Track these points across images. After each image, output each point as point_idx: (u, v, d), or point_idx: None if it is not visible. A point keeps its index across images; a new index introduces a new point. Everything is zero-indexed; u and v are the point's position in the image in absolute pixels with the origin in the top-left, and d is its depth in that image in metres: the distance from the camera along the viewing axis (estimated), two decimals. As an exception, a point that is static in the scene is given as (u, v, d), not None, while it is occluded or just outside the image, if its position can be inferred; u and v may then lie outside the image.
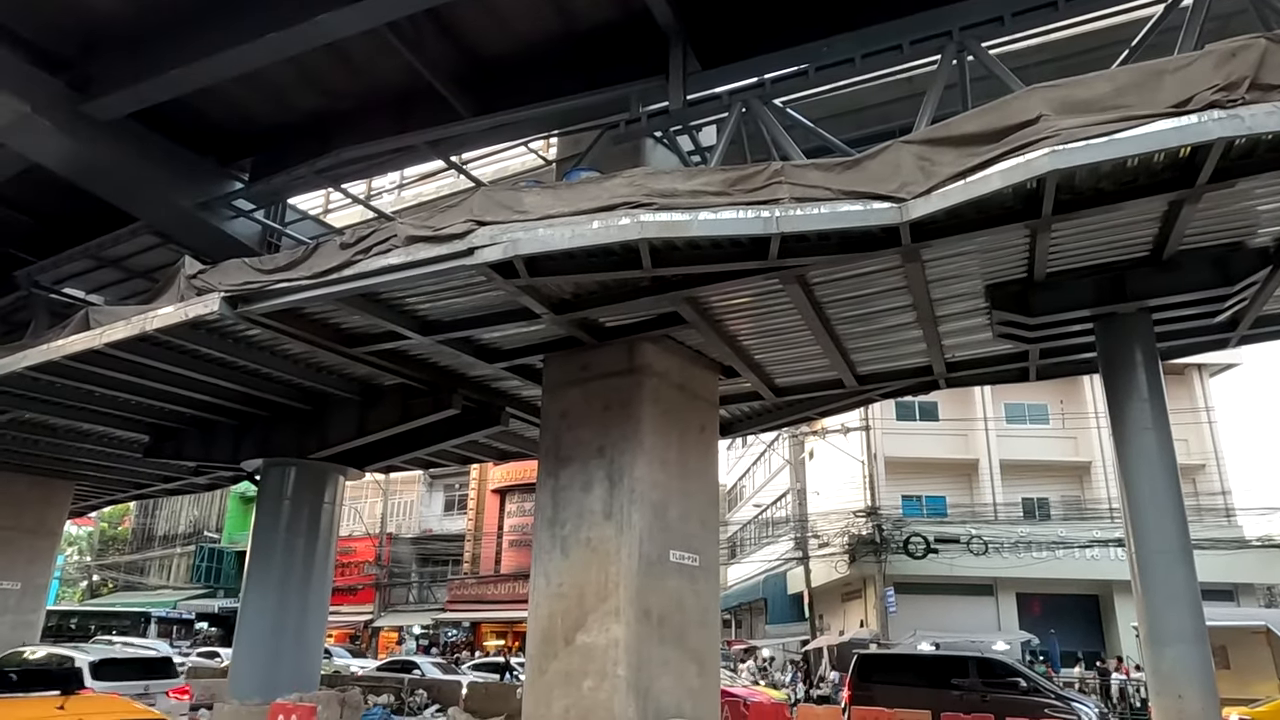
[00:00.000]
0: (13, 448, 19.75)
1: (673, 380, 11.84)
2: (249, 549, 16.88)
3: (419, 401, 14.70)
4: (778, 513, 35.36)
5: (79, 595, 51.55)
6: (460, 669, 24.48)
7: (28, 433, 18.55)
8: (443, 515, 42.35)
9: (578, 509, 11.18)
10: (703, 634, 11.63)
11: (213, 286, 11.11)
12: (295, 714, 12.67)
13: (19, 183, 15.26)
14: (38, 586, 22.69)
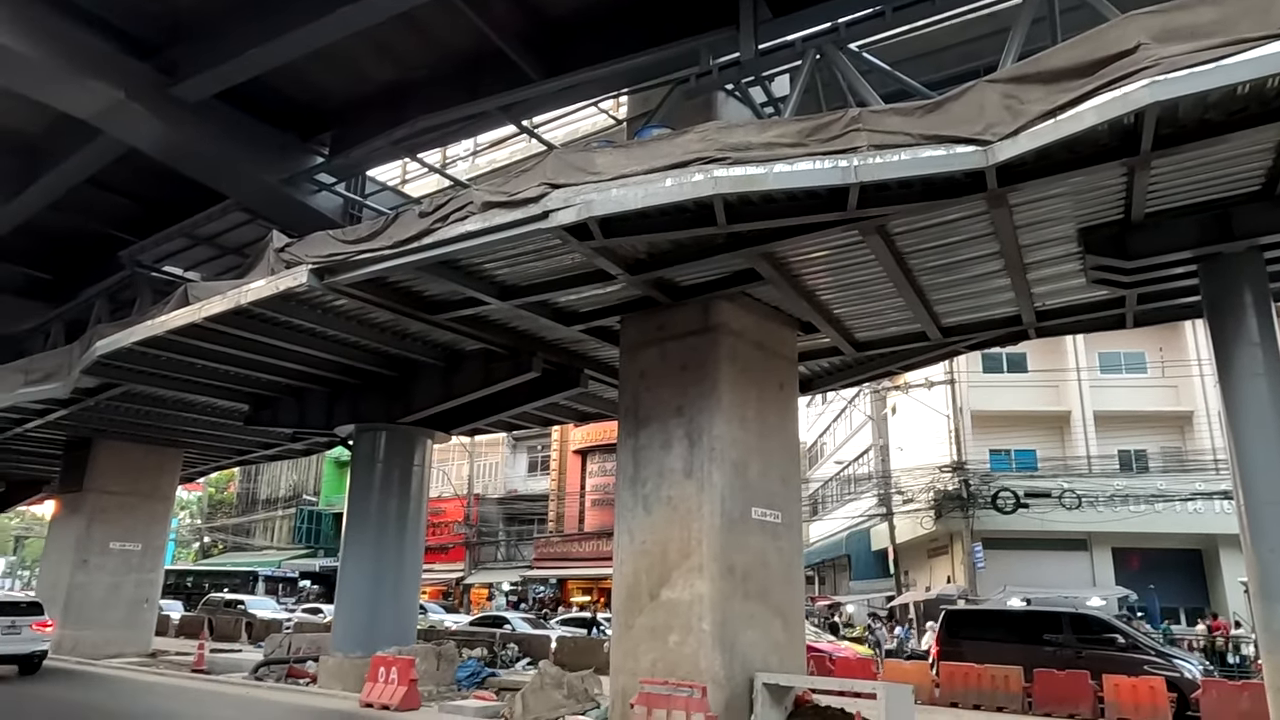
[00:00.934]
0: (127, 418, 21.04)
1: (750, 338, 11.74)
2: (346, 511, 17.65)
3: (500, 365, 14.99)
4: (859, 469, 34.95)
5: (193, 556, 54.93)
6: (548, 624, 25.19)
7: (139, 404, 19.73)
8: (526, 476, 43.35)
9: (658, 468, 11.28)
10: (787, 590, 11.66)
11: (300, 259, 11.50)
12: (395, 666, 13.30)
13: (117, 167, 16.02)
14: (156, 548, 24.25)
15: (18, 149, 17.04)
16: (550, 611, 32.28)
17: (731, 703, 10.20)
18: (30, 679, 16.60)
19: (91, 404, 18.81)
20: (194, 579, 44.80)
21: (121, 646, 21.75)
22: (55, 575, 22.99)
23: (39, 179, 16.54)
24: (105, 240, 19.43)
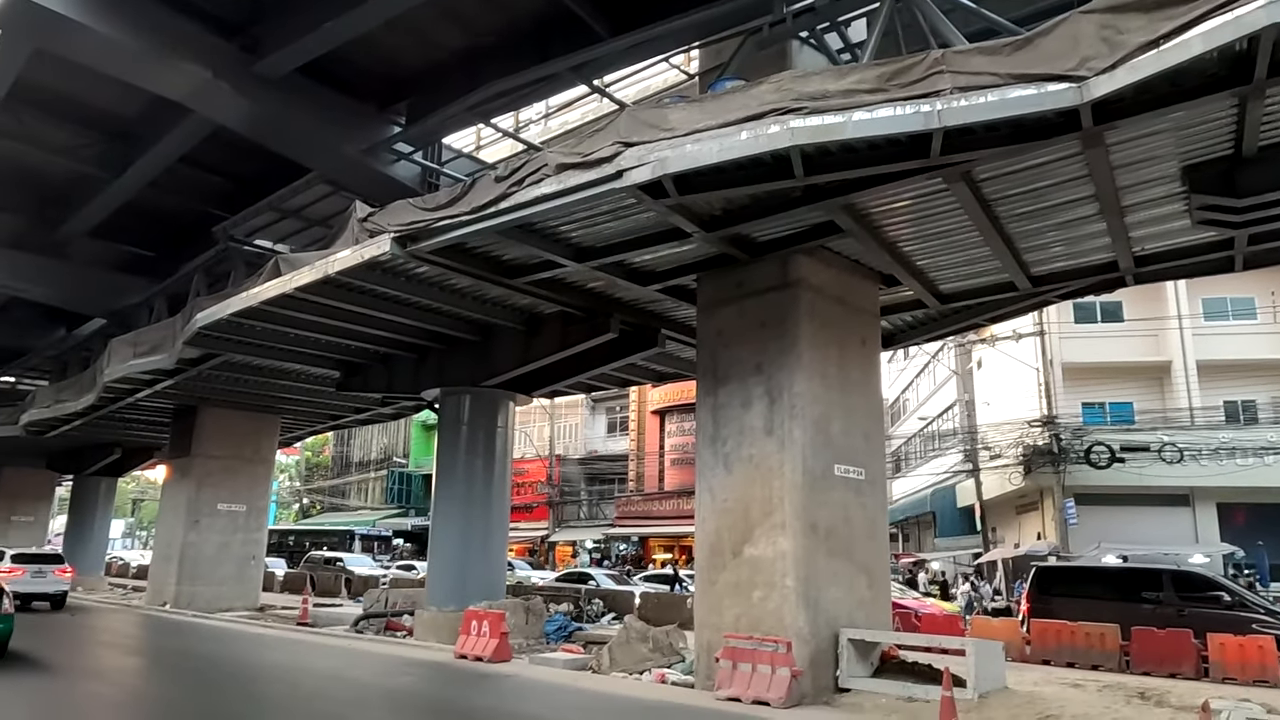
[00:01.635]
0: (227, 386, 22.13)
1: (830, 293, 11.53)
2: (435, 472, 18.24)
3: (577, 328, 15.14)
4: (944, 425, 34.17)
5: (293, 516, 57.77)
6: (632, 580, 25.64)
7: (238, 373, 20.71)
8: (606, 437, 43.92)
9: (738, 426, 11.26)
10: (871, 546, 11.57)
11: (382, 228, 11.79)
12: (486, 619, 13.78)
13: (208, 146, 16.66)
14: (259, 509, 25.59)
15: (117, 132, 17.89)
16: (633, 568, 32.84)
17: (816, 657, 10.24)
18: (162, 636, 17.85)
19: (195, 373, 19.82)
20: (295, 538, 47.17)
21: (232, 601, 23.15)
22: (170, 535, 24.55)
23: (137, 160, 17.34)
24: (200, 217, 20.30)
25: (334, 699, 10.47)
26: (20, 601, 17.79)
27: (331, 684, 11.67)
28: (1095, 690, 10.99)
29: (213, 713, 9.28)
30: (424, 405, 21.92)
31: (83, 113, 17.41)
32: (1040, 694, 10.13)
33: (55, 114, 17.27)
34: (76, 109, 17.23)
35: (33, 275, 22.09)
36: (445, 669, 12.78)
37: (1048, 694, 10.18)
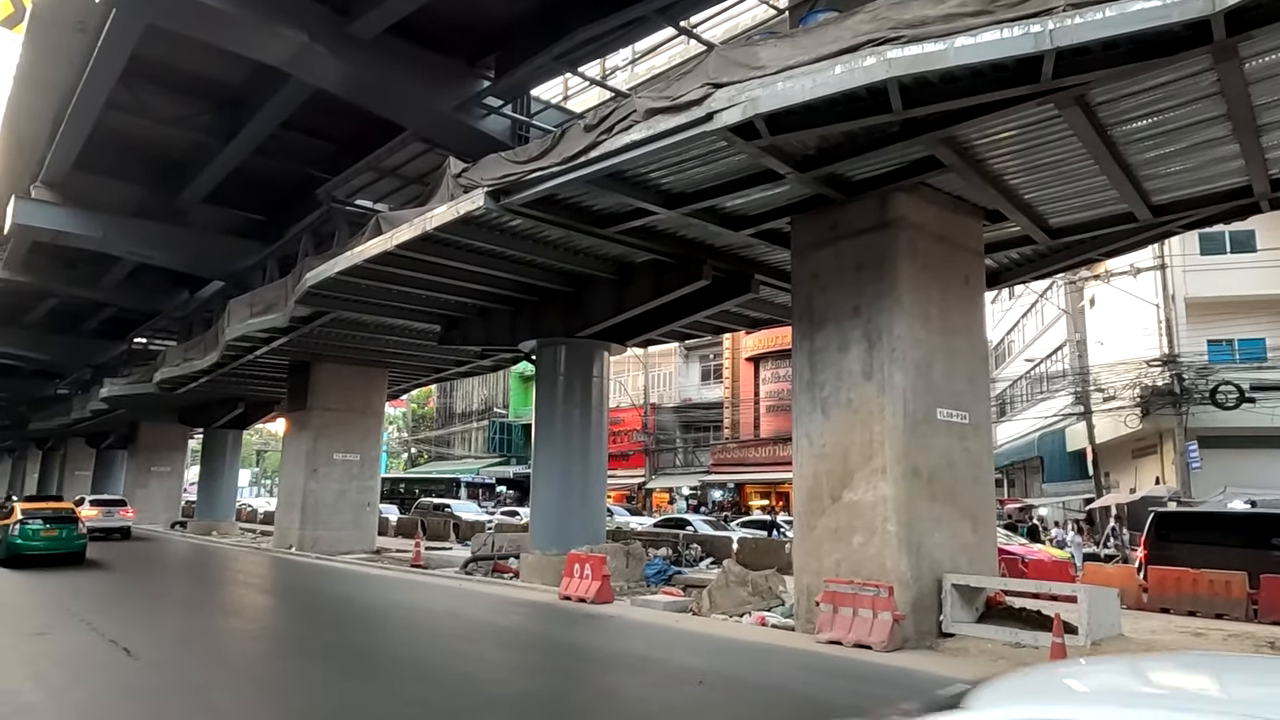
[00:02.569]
0: (336, 342, 23.16)
1: (931, 231, 11.11)
2: (534, 421, 18.71)
3: (670, 275, 15.10)
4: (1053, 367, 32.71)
5: (403, 465, 60.50)
6: (729, 526, 25.85)
7: (347, 329, 21.62)
8: (700, 385, 43.97)
9: (836, 371, 11.08)
10: (975, 491, 11.29)
11: (476, 183, 11.97)
12: (588, 562, 14.18)
13: (308, 110, 17.20)
14: (371, 458, 26.90)
15: (224, 101, 18.67)
16: (730, 514, 33.08)
17: (919, 602, 10.14)
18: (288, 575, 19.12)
19: (307, 330, 20.81)
20: (405, 485, 49.45)
21: (351, 545, 24.55)
22: (292, 483, 26.13)
23: (244, 127, 18.08)
24: (304, 179, 21.09)
25: (449, 635, 11.04)
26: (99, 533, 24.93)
27: (446, 621, 12.29)
28: (1220, 639, 10.53)
29: (337, 645, 9.94)
30: (521, 357, 22.43)
31: (192, 84, 18.24)
32: (1159, 642, 9.78)
33: (167, 86, 18.15)
34: (186, 81, 18.06)
35: (156, 242, 23.51)
36: (551, 609, 13.26)
37: (1167, 642, 9.82)
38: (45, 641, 9.78)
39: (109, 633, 10.19)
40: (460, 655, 9.72)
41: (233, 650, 10.13)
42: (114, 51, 14.97)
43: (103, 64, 15.39)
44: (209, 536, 32.40)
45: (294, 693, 7.88)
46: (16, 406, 52.62)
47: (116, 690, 7.60)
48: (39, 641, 9.77)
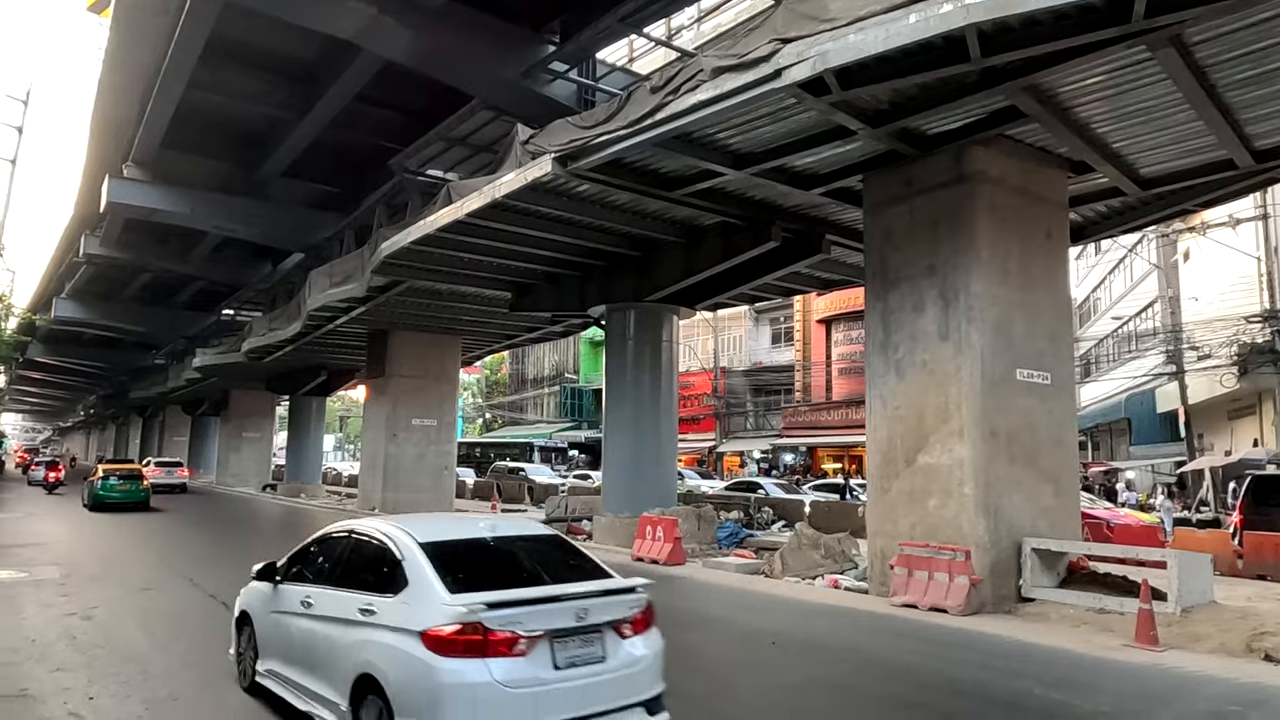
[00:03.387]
0: (411, 311, 23.71)
1: (1010, 184, 10.69)
2: (604, 386, 18.88)
3: (739, 238, 14.94)
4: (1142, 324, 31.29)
5: (477, 430, 61.90)
6: (801, 490, 25.73)
7: (421, 298, 22.10)
8: (770, 348, 43.59)
9: (910, 331, 10.84)
10: (1057, 453, 10.95)
11: (543, 149, 12.00)
12: (660, 525, 14.33)
13: (378, 82, 17.47)
14: (447, 423, 27.60)
15: (299, 77, 19.10)
16: (802, 478, 32.90)
17: (997, 566, 9.94)
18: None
19: (383, 300, 21.34)
20: (480, 450, 50.61)
21: (430, 506, 25.32)
22: (373, 448, 27.04)
23: (318, 101, 18.49)
24: (377, 151, 21.49)
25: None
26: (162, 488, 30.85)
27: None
28: (1320, 607, 10.03)
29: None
30: (590, 322, 22.57)
31: (268, 60, 18.70)
32: (1254, 609, 9.38)
33: (245, 64, 18.65)
34: (262, 57, 18.53)
35: (239, 216, 24.37)
36: (623, 569, 13.41)
37: (1263, 610, 9.41)
38: (151, 597, 10.42)
39: (208, 588, 10.80)
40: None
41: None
42: (194, 31, 15.45)
43: (184, 44, 15.90)
44: (297, 498, 33.87)
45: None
46: (118, 376, 55.73)
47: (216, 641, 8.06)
48: (145, 596, 10.42)
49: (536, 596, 4.48)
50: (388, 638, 4.48)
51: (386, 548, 4.96)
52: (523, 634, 4.24)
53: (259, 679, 5.94)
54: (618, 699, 4.51)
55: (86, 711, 5.67)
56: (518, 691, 4.17)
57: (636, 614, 4.80)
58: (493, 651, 4.17)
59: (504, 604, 4.28)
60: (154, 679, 6.56)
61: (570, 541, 5.89)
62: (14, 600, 9.85)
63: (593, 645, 4.51)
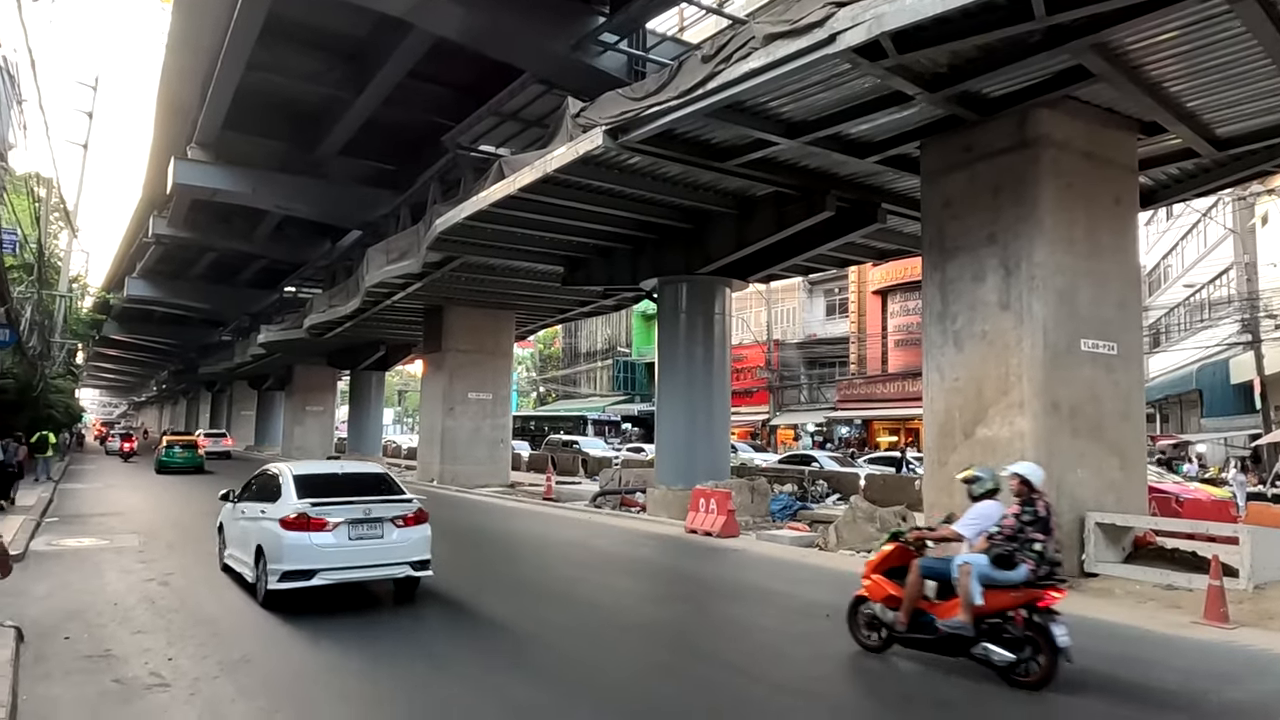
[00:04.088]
0: (466, 286, 24.02)
1: (1076, 148, 10.31)
2: (657, 359, 18.90)
3: (792, 208, 14.73)
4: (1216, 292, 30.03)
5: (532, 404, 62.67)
6: (856, 463, 25.48)
7: (475, 273, 22.36)
8: (824, 320, 43.07)
9: (969, 301, 10.59)
10: (1124, 426, 10.63)
11: (594, 121, 11.96)
12: (714, 497, 14.36)
13: (430, 58, 17.60)
14: (502, 396, 27.99)
15: (353, 55, 19.33)
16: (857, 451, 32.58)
17: (1059, 541, 9.71)
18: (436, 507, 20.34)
19: (438, 275, 21.65)
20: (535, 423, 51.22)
21: (486, 479, 25.79)
22: (431, 421, 27.58)
23: (372, 79, 18.70)
24: (430, 128, 21.68)
25: (581, 564, 11.50)
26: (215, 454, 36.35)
27: (578, 551, 12.80)
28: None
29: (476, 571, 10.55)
30: (643, 295, 22.58)
31: (323, 40, 18.97)
32: (1332, 587, 9.03)
33: (301, 43, 18.95)
34: (317, 36, 18.79)
35: (299, 194, 24.90)
36: (677, 541, 13.56)
37: (1342, 588, 9.05)
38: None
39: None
40: (591, 583, 10.13)
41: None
42: (252, 13, 15.74)
43: (243, 26, 16.21)
44: (359, 471, 34.72)
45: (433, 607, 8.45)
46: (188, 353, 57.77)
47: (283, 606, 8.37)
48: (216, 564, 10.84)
49: (341, 501, 8.14)
50: (268, 524, 8.20)
51: (277, 477, 8.73)
52: (330, 520, 7.92)
53: (225, 560, 9.87)
54: (392, 558, 8.20)
55: (166, 671, 5.96)
56: (324, 549, 7.89)
57: (409, 514, 8.38)
58: (313, 527, 7.85)
59: (322, 504, 8.01)
60: (227, 642, 6.85)
61: (388, 475, 9.26)
62: (98, 566, 10.36)
63: (376, 529, 8.16)
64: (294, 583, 7.83)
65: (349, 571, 8.05)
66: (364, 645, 6.85)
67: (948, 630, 5.98)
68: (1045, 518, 6.07)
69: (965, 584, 5.88)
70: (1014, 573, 5.88)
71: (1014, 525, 6.00)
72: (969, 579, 5.88)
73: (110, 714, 5.13)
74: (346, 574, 8.05)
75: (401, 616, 8.00)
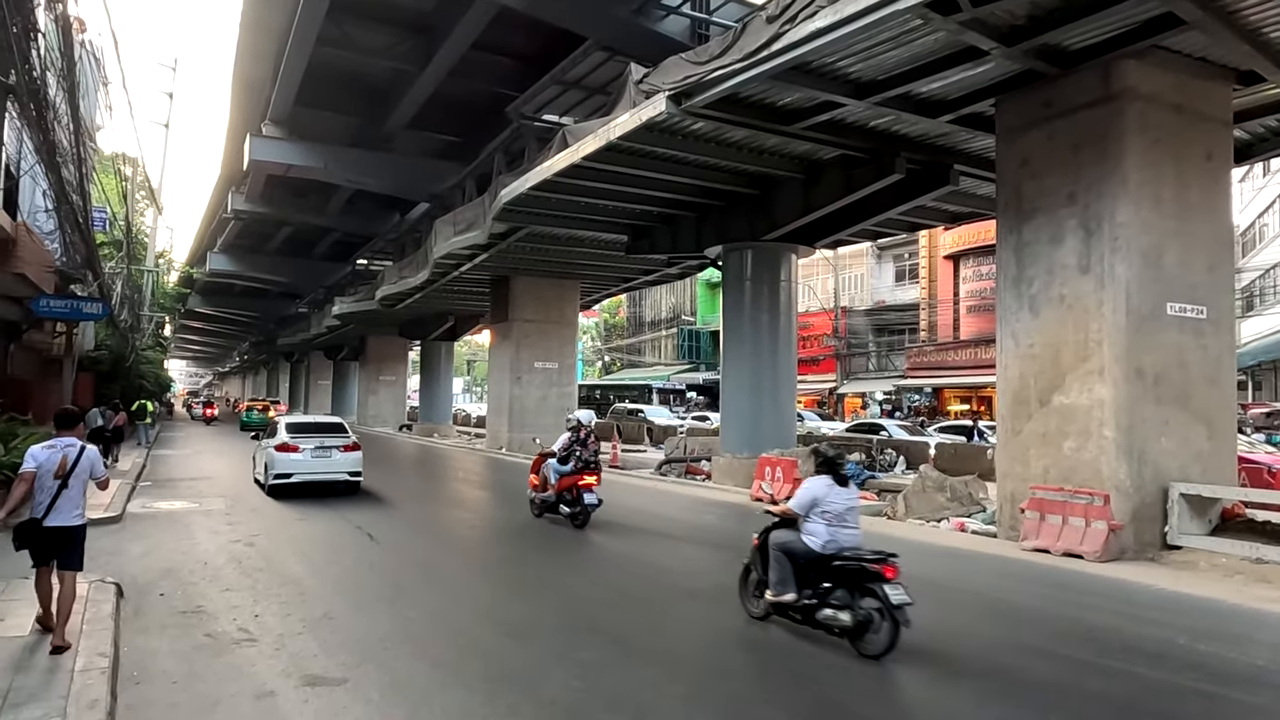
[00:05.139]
0: (531, 256, 24.22)
1: (1165, 101, 9.79)
2: (722, 328, 18.80)
3: (860, 171, 14.40)
4: (1317, 252, 28.32)
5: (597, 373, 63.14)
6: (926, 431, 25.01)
7: (540, 243, 22.52)
8: (894, 286, 42.12)
9: (1046, 265, 10.23)
10: (1212, 393, 10.18)
11: (657, 87, 11.84)
12: (780, 466, 14.30)
13: (493, 28, 17.63)
14: (568, 366, 28.27)
15: (419, 28, 19.51)
16: (927, 419, 31.95)
17: (1140, 512, 9.42)
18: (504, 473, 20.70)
19: (504, 246, 21.88)
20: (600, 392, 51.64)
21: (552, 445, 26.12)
22: (499, 389, 28.06)
23: (438, 51, 18.86)
24: (494, 99, 21.80)
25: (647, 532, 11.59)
26: None
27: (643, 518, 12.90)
28: None
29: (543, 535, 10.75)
30: (707, 263, 22.41)
31: (389, 14, 19.18)
32: None
33: (368, 18, 19.20)
34: (383, 10, 19.02)
35: (368, 169, 25.41)
36: (742, 509, 13.55)
37: None
38: (303, 526, 11.30)
39: (354, 520, 11.61)
40: (658, 550, 10.23)
41: (456, 536, 11.26)
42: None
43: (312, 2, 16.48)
44: (431, 438, 35.70)
45: (502, 574, 8.65)
46: (267, 324, 59.84)
47: (363, 568, 8.70)
48: (298, 526, 11.31)
49: (309, 435, 14.53)
50: (270, 449, 14.42)
51: (277, 423, 15.42)
52: (301, 446, 14.11)
53: (255, 476, 15.77)
54: (336, 469, 14.30)
55: (254, 628, 6.26)
56: (298, 462, 13.99)
57: (348, 444, 14.52)
58: (291, 450, 14.02)
59: (298, 437, 14.33)
60: (310, 600, 7.16)
61: (342, 422, 15.86)
62: (189, 528, 10.90)
63: (328, 453, 14.32)
64: (281, 481, 13.87)
65: (311, 475, 14.02)
66: (449, 614, 7.06)
67: (545, 498, 11.85)
68: (585, 440, 11.72)
69: (546, 474, 11.85)
70: (566, 467, 11.56)
71: (567, 444, 11.70)
72: (550, 470, 11.76)
73: (203, 665, 5.42)
74: (310, 476, 14.01)
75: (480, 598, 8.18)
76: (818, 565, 6.03)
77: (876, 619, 5.63)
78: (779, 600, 6.21)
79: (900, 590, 5.57)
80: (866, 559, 5.80)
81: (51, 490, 5.51)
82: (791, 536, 6.22)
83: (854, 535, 6.10)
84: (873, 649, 5.62)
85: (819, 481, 6.23)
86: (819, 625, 5.95)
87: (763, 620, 6.51)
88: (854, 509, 6.19)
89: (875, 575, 5.69)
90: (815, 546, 6.04)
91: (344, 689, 5.00)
